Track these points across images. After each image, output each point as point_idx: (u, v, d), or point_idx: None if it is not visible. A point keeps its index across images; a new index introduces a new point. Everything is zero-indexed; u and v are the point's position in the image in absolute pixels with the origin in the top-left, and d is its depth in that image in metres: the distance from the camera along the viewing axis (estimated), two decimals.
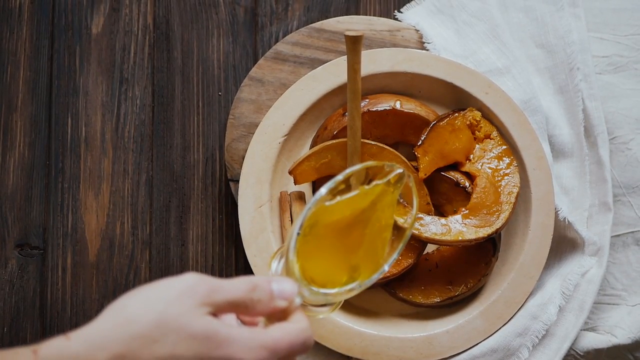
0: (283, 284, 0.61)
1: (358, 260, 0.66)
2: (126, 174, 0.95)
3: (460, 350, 0.87)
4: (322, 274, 0.64)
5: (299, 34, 0.93)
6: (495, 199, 0.86)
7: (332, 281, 0.64)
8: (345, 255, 0.66)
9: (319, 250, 0.64)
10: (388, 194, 0.67)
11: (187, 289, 0.57)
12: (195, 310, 0.56)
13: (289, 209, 0.89)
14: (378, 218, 0.67)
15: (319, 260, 0.64)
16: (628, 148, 0.93)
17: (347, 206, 0.66)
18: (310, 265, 0.63)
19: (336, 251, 0.66)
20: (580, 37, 0.93)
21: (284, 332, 0.58)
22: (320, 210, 0.64)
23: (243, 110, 0.92)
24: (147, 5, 0.97)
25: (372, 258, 0.66)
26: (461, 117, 0.89)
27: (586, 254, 0.90)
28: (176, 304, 0.56)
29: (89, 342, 0.54)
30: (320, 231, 0.64)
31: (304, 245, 0.63)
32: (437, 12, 0.94)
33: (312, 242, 0.63)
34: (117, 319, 0.55)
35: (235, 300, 0.58)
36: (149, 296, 0.57)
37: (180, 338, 0.55)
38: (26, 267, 0.93)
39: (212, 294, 0.57)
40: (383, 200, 0.67)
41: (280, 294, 0.60)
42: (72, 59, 0.96)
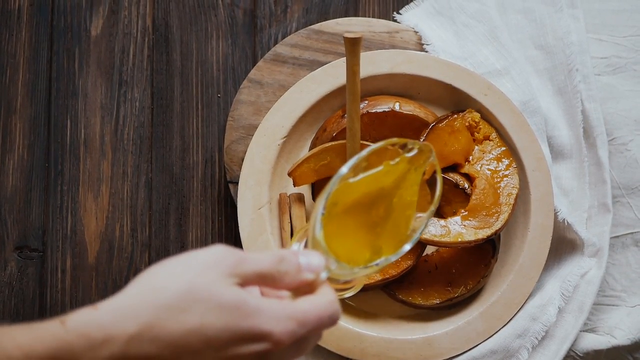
0: (310, 256, 0.60)
1: (380, 237, 0.65)
2: (125, 176, 0.95)
3: (460, 352, 0.87)
4: (344, 251, 0.63)
5: (297, 36, 0.93)
6: (495, 200, 0.87)
7: (355, 259, 0.63)
8: (367, 233, 0.65)
9: (341, 228, 0.64)
10: (411, 171, 0.66)
11: (216, 260, 0.56)
12: (224, 280, 0.55)
13: (289, 211, 0.89)
14: (401, 195, 0.66)
15: (342, 238, 0.64)
16: (627, 149, 0.93)
17: (370, 183, 0.65)
18: (332, 244, 0.62)
19: (359, 229, 0.65)
20: (579, 38, 0.93)
21: (313, 304, 0.58)
22: (343, 188, 0.63)
23: (242, 112, 0.92)
24: (146, 7, 0.97)
25: (395, 235, 0.65)
26: (460, 118, 0.89)
27: (585, 255, 0.90)
28: (205, 274, 0.55)
29: (116, 312, 0.54)
30: (343, 209, 0.64)
31: (327, 224, 0.62)
32: (436, 14, 0.94)
33: (334, 221, 0.63)
34: (145, 289, 0.55)
35: (262, 272, 0.57)
36: (177, 266, 0.56)
37: (209, 308, 0.54)
38: (25, 270, 0.93)
39: (240, 264, 0.57)
40: (406, 178, 0.66)
41: (308, 266, 0.59)
42: (71, 61, 0.96)
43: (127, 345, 0.53)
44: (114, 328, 0.53)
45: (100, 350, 0.53)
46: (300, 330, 0.56)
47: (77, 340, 0.53)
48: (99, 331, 0.53)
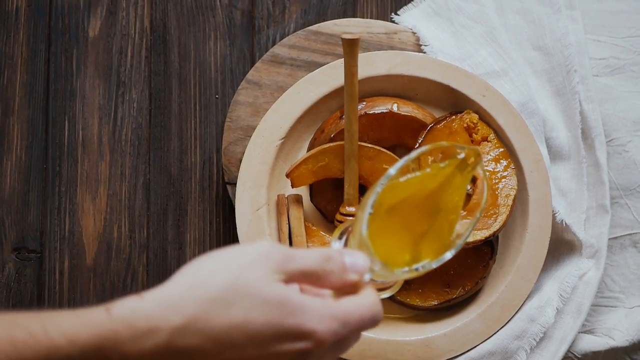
0: (356, 257, 0.60)
1: (422, 241, 0.65)
2: (123, 177, 0.95)
3: (458, 353, 0.87)
4: (385, 251, 0.62)
5: (296, 37, 0.93)
6: (493, 201, 0.86)
7: (394, 260, 0.63)
8: (409, 235, 0.65)
9: (384, 228, 0.63)
10: (458, 175, 0.66)
11: (262, 256, 0.56)
12: (270, 276, 0.55)
13: (287, 212, 0.89)
14: (446, 199, 0.65)
15: (383, 238, 0.63)
16: (625, 150, 0.93)
17: (415, 185, 0.65)
18: (374, 243, 0.62)
19: (401, 230, 0.65)
20: (577, 39, 0.93)
21: (356, 305, 0.58)
22: (389, 188, 0.63)
23: (240, 113, 0.92)
24: (144, 8, 0.97)
25: (437, 240, 0.65)
26: (458, 119, 0.88)
27: (584, 257, 0.90)
28: (251, 269, 0.55)
29: (162, 303, 0.54)
30: (387, 210, 0.63)
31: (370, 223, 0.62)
32: (434, 15, 0.94)
33: (377, 220, 0.62)
34: (191, 282, 0.55)
35: (308, 270, 0.57)
36: (223, 260, 0.56)
37: (254, 303, 0.54)
38: (23, 271, 0.93)
39: (286, 261, 0.57)
40: (452, 182, 0.66)
41: (353, 266, 0.59)
42: (69, 62, 0.96)
43: (171, 337, 0.53)
44: (159, 319, 0.53)
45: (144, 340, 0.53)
46: (342, 331, 0.56)
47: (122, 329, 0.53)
48: (144, 321, 0.53)
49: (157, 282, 0.93)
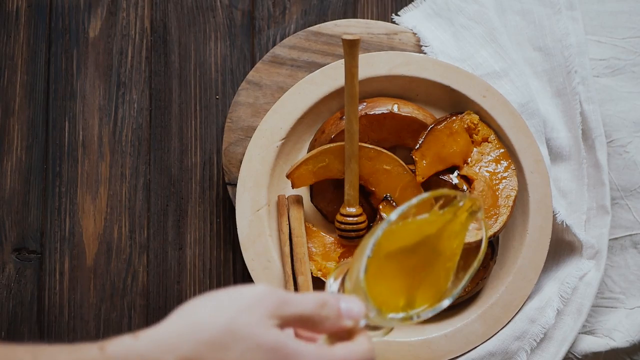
0: (352, 303, 0.61)
1: (418, 287, 0.65)
2: (123, 177, 0.95)
3: (459, 354, 0.87)
4: (379, 295, 0.63)
5: (296, 38, 0.93)
6: (493, 202, 0.86)
7: (389, 304, 0.64)
8: (405, 280, 0.65)
9: (380, 272, 0.64)
10: (457, 223, 0.66)
11: (259, 299, 0.57)
12: (265, 321, 0.56)
13: (287, 212, 0.89)
14: (444, 246, 0.66)
15: (379, 282, 0.64)
16: (626, 151, 0.93)
17: (414, 230, 0.65)
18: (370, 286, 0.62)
19: (397, 275, 0.65)
20: (578, 40, 0.93)
21: (349, 352, 0.58)
22: (388, 232, 0.64)
23: (240, 114, 0.92)
24: (145, 9, 0.97)
25: (433, 286, 0.66)
26: (459, 120, 0.88)
27: (584, 257, 0.90)
28: (247, 313, 0.56)
29: (157, 343, 0.54)
30: (385, 253, 0.64)
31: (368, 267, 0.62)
32: (434, 16, 0.94)
33: (374, 264, 0.63)
34: (187, 322, 0.55)
35: (304, 315, 0.58)
36: (219, 302, 0.57)
37: (249, 347, 0.55)
38: (23, 272, 0.93)
39: (283, 306, 0.57)
40: (451, 229, 0.66)
41: (348, 313, 0.60)
42: (70, 62, 0.96)
43: None
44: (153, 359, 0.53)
45: None
46: None
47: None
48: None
49: (158, 283, 0.93)
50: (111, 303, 0.93)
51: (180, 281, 0.93)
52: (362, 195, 0.89)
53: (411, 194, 0.87)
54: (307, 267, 0.86)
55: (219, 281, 0.94)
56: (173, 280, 0.94)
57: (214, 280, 0.94)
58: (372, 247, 0.62)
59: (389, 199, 0.86)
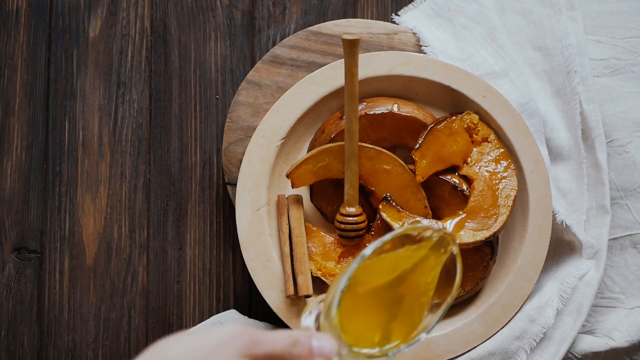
0: (323, 341, 0.60)
1: (392, 321, 0.65)
2: (123, 177, 0.95)
3: (459, 354, 0.87)
4: (354, 331, 0.63)
5: (296, 37, 0.93)
6: (493, 202, 0.86)
7: (364, 339, 0.64)
8: (380, 316, 0.65)
9: (354, 307, 0.64)
10: (432, 258, 0.66)
11: (229, 339, 0.56)
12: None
13: (287, 212, 0.89)
14: (418, 282, 0.66)
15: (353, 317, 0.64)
16: (625, 151, 0.93)
17: (388, 265, 0.65)
18: (343, 321, 0.62)
19: (371, 310, 0.65)
20: (578, 40, 0.93)
21: None
22: (362, 268, 0.64)
23: (240, 114, 0.92)
24: (145, 8, 0.97)
25: (408, 321, 0.66)
26: (459, 120, 0.89)
27: (584, 257, 0.90)
28: (218, 352, 0.55)
29: None
30: (358, 288, 0.64)
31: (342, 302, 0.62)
32: (434, 15, 0.94)
33: (349, 299, 0.63)
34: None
35: (275, 354, 0.58)
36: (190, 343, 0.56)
37: None
38: (23, 271, 0.93)
39: (254, 345, 0.57)
40: (425, 264, 0.66)
41: (320, 351, 0.60)
42: (70, 62, 0.96)
43: None
44: None
45: None
46: None
47: None
48: None
49: (157, 283, 0.93)
50: (111, 303, 0.93)
51: (180, 281, 0.93)
52: (362, 195, 0.89)
53: (411, 194, 0.87)
54: (307, 267, 0.86)
55: (219, 281, 0.94)
56: (173, 280, 0.94)
57: (213, 279, 0.94)
58: (346, 282, 0.62)
59: (388, 198, 0.86)
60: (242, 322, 0.89)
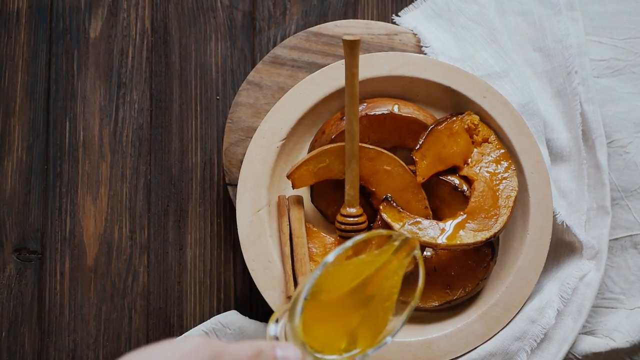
0: (287, 350, 0.60)
1: (358, 327, 0.65)
2: (124, 178, 0.95)
3: (459, 354, 0.87)
4: (320, 338, 0.63)
5: (296, 38, 0.93)
6: (494, 202, 0.87)
7: (330, 346, 0.64)
8: (345, 321, 0.65)
9: (319, 314, 0.64)
10: (394, 262, 0.66)
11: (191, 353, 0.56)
12: None
13: (287, 213, 0.89)
14: (382, 286, 0.66)
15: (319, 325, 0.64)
16: (626, 152, 0.93)
17: (352, 272, 0.65)
18: (309, 329, 0.62)
19: (336, 317, 0.65)
20: (578, 40, 0.93)
21: None
22: (326, 275, 0.64)
23: (241, 115, 0.92)
24: (145, 9, 0.97)
25: (373, 326, 0.66)
26: (459, 120, 0.89)
27: (584, 258, 0.90)
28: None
29: None
30: (323, 296, 0.64)
31: (306, 309, 0.62)
32: (434, 16, 0.94)
33: (313, 307, 0.63)
34: None
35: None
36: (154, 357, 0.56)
37: None
38: (24, 272, 0.93)
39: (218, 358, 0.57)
40: (388, 269, 0.66)
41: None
42: (70, 63, 0.96)
43: None
44: None
45: None
46: None
47: None
48: None
49: (158, 283, 0.93)
50: (112, 303, 0.93)
51: (181, 281, 0.93)
52: (363, 196, 0.89)
53: (412, 195, 0.87)
54: (307, 268, 0.86)
55: (220, 281, 0.94)
56: (173, 281, 0.94)
57: (214, 280, 0.94)
58: (308, 290, 0.62)
59: (389, 199, 0.86)
60: (242, 323, 0.89)
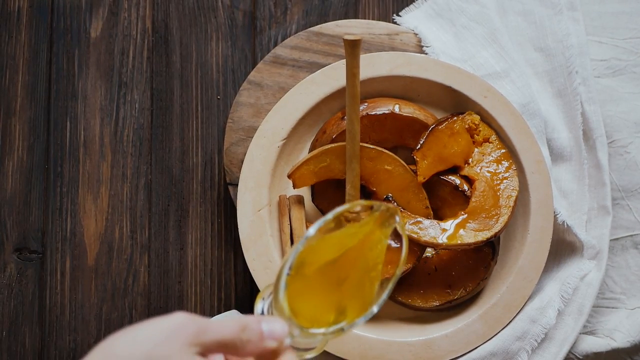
0: (273, 324, 0.60)
1: (345, 299, 0.65)
2: (125, 177, 0.95)
3: (460, 354, 0.87)
4: (308, 313, 0.63)
5: (297, 38, 0.93)
6: (494, 202, 0.87)
7: (319, 320, 0.64)
8: (332, 294, 0.65)
9: (306, 289, 0.64)
10: (377, 232, 0.66)
11: (176, 329, 0.56)
12: (184, 350, 0.55)
13: (288, 212, 0.89)
14: (366, 257, 0.66)
15: (306, 299, 0.64)
16: (627, 151, 0.93)
17: (335, 244, 0.65)
18: (296, 304, 0.62)
19: (323, 290, 0.65)
20: (579, 40, 0.93)
21: None
22: (309, 249, 0.64)
23: (242, 114, 0.92)
24: (146, 9, 0.97)
25: (359, 297, 0.66)
26: (460, 120, 0.89)
27: (585, 258, 0.90)
28: (164, 344, 0.55)
29: None
30: (308, 270, 0.64)
31: (291, 285, 0.62)
32: (435, 16, 0.94)
33: (299, 281, 0.63)
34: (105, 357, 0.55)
35: (224, 341, 0.58)
36: (136, 336, 0.56)
37: None
38: (25, 272, 0.93)
39: (201, 334, 0.57)
40: (371, 239, 0.66)
41: (271, 334, 0.60)
42: (71, 62, 0.96)
43: None
44: None
45: None
46: None
47: None
48: None
49: (159, 283, 0.93)
50: (112, 303, 0.93)
51: (182, 281, 0.93)
52: (364, 196, 0.89)
53: (412, 194, 0.87)
54: None
55: (220, 281, 0.94)
56: (174, 281, 0.94)
57: (214, 280, 0.94)
58: (291, 265, 0.62)
59: (390, 199, 0.86)
60: None
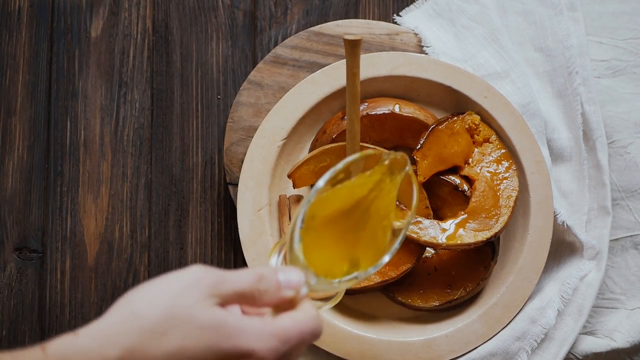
0: (290, 273, 0.60)
1: (358, 249, 0.65)
2: (125, 177, 0.95)
3: (459, 354, 0.87)
4: (322, 264, 0.63)
5: (298, 38, 0.93)
6: (494, 202, 0.87)
7: (333, 271, 0.64)
8: (345, 245, 0.65)
9: (319, 241, 0.64)
10: (387, 181, 0.66)
11: (194, 281, 0.57)
12: (203, 301, 0.56)
13: (288, 212, 0.89)
14: (377, 206, 0.66)
15: (319, 251, 0.64)
16: (627, 152, 0.93)
17: (345, 195, 0.65)
18: (310, 256, 0.62)
19: (336, 241, 0.65)
20: (579, 41, 0.93)
21: (294, 320, 0.58)
22: (320, 200, 0.64)
23: (242, 114, 0.92)
24: (147, 8, 0.97)
25: (373, 246, 0.66)
26: (460, 120, 0.89)
27: (585, 258, 0.90)
28: (183, 296, 0.56)
29: (97, 338, 0.54)
30: (320, 221, 0.64)
31: (304, 237, 0.62)
32: (436, 16, 0.94)
33: (312, 233, 0.63)
34: (125, 314, 0.56)
35: (242, 291, 0.58)
36: (156, 290, 0.57)
37: (189, 330, 0.55)
38: (25, 271, 0.93)
39: (219, 285, 0.57)
40: (382, 188, 0.66)
41: (287, 283, 0.60)
42: (71, 62, 0.96)
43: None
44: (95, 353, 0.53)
45: None
46: (282, 347, 0.57)
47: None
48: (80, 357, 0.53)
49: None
50: (112, 302, 0.93)
51: None
52: None
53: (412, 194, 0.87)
54: None
55: None
56: None
57: None
58: (303, 217, 0.62)
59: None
60: None
